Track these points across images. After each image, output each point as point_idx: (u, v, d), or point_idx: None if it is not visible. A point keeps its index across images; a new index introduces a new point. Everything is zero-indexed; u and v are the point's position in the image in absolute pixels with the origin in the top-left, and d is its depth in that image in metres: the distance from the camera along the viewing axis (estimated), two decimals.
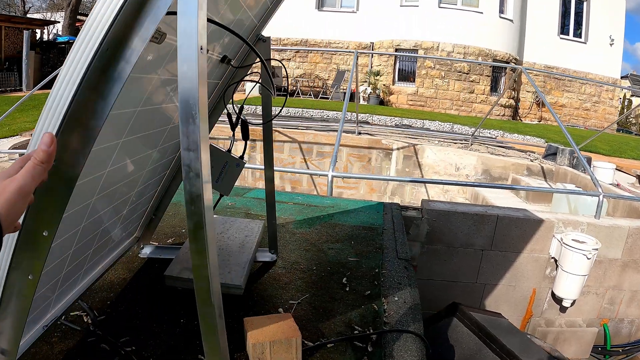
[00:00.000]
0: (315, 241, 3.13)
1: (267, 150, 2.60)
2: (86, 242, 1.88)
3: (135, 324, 2.19)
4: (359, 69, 18.91)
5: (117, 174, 1.83)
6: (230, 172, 2.47)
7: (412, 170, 9.67)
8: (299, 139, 10.34)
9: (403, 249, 3.00)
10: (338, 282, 2.55)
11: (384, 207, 3.97)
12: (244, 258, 2.62)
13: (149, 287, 2.51)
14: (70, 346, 2.02)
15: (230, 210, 3.76)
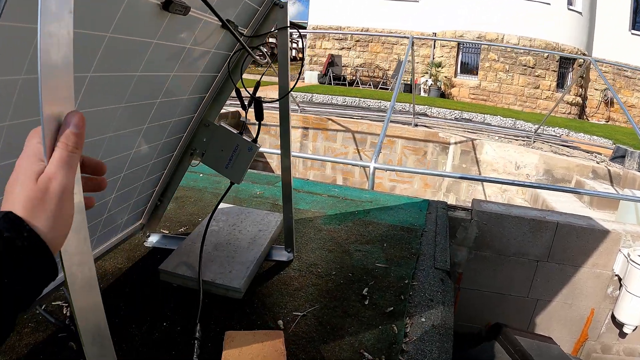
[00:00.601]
0: (342, 241, 2.70)
1: (284, 133, 2.19)
2: (91, 212, 1.71)
3: (114, 322, 1.87)
4: (421, 60, 18.19)
5: (115, 145, 1.62)
6: (242, 157, 2.09)
7: (469, 167, 9.04)
8: (352, 128, 9.91)
9: (442, 257, 2.53)
10: (357, 292, 2.11)
11: (428, 205, 3.48)
12: (251, 256, 2.23)
13: (143, 281, 2.18)
14: (39, 340, 1.76)
15: (256, 200, 3.39)
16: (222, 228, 2.52)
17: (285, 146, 2.19)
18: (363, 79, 18.58)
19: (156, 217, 2.48)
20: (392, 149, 9.62)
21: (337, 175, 10.15)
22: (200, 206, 3.17)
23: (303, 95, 13.49)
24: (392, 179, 9.43)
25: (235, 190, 3.59)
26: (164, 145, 2.10)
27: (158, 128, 1.89)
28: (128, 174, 1.91)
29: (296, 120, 10.27)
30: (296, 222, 2.96)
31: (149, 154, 1.98)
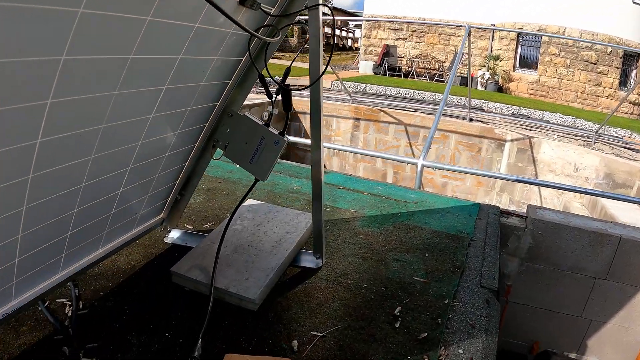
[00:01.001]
0: (379, 247, 2.41)
1: (314, 124, 1.91)
2: (91, 208, 1.57)
3: (114, 328, 1.67)
4: (479, 52, 17.44)
5: (119, 135, 1.44)
6: (268, 151, 1.83)
7: (525, 166, 8.48)
8: (405, 121, 9.52)
9: (490, 273, 2.19)
10: (389, 312, 1.82)
11: (479, 209, 3.12)
12: (273, 262, 1.98)
13: (154, 282, 1.98)
14: (34, 340, 1.61)
15: (291, 196, 3.13)
16: (246, 227, 2.28)
17: (316, 138, 1.91)
18: (419, 70, 18.00)
19: (177, 212, 2.27)
20: (446, 144, 9.17)
21: (388, 169, 9.80)
22: (232, 200, 2.95)
23: (356, 85, 13.14)
24: (444, 175, 8.99)
25: (270, 184, 3.35)
26: (183, 135, 1.87)
27: (169, 118, 1.65)
28: (138, 166, 1.69)
29: (347, 111, 9.96)
30: (331, 223, 2.69)
31: (162, 144, 1.76)
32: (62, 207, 1.46)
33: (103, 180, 1.55)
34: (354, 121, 10.03)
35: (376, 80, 14.37)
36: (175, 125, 1.74)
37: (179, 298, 1.87)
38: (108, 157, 1.48)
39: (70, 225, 1.57)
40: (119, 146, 1.49)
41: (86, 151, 1.37)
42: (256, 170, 1.90)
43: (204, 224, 2.56)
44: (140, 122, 1.51)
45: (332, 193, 3.28)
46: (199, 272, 1.90)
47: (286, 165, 3.87)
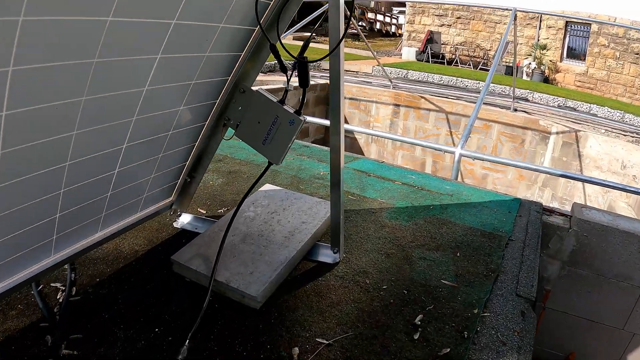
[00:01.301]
0: (405, 243, 2.17)
1: (334, 104, 1.67)
2: (81, 189, 1.40)
3: (103, 318, 1.50)
4: (525, 41, 16.67)
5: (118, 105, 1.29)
6: (282, 132, 1.62)
7: (570, 161, 7.99)
8: (446, 109, 9.12)
9: (528, 280, 1.91)
10: (408, 319, 1.58)
11: (520, 205, 2.82)
12: (283, 255, 1.77)
13: (156, 270, 1.81)
14: (20, 326, 1.48)
15: (317, 182, 2.91)
16: (259, 215, 2.07)
17: (335, 120, 1.67)
18: (462, 58, 17.35)
19: (187, 195, 2.08)
20: (488, 134, 8.73)
21: (427, 157, 9.44)
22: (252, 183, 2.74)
23: (398, 71, 12.72)
24: (484, 167, 8.57)
25: (296, 168, 3.14)
26: (189, 112, 1.67)
27: (167, 91, 1.45)
28: (134, 145, 1.50)
29: (387, 97, 9.63)
30: (356, 214, 2.45)
31: (163, 122, 1.56)
32: (45, 187, 1.28)
33: (92, 159, 1.37)
34: (394, 107, 9.69)
35: (418, 66, 13.91)
36: (176, 100, 1.53)
37: (177, 289, 1.69)
38: (95, 134, 1.29)
39: (58, 207, 1.39)
40: (106, 122, 1.30)
41: (67, 127, 1.18)
42: (269, 153, 1.69)
43: (218, 209, 2.37)
44: (131, 96, 1.31)
45: (361, 180, 3.04)
46: (201, 262, 1.70)
47: (314, 150, 3.64)
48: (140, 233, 2.07)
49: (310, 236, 1.92)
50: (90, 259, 1.86)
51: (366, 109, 9.89)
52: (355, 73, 12.31)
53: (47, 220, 1.40)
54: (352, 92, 9.87)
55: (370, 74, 12.21)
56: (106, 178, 1.52)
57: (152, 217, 1.99)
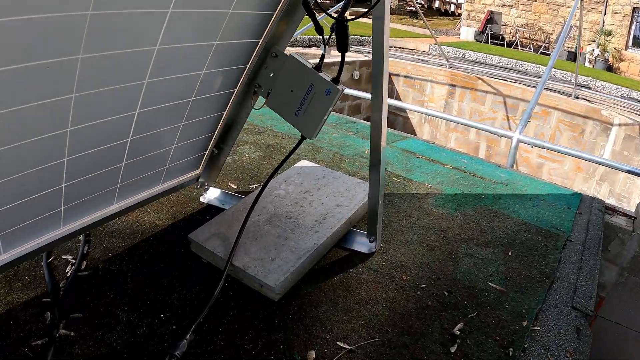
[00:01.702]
0: (451, 235, 1.92)
1: (376, 72, 1.43)
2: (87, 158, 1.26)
3: (107, 298, 1.36)
4: (589, 26, 15.59)
5: (126, 67, 1.12)
6: (317, 102, 1.40)
7: (631, 155, 7.35)
8: (504, 92, 8.59)
9: (587, 289, 1.63)
10: (446, 328, 1.35)
11: (580, 201, 2.50)
12: (310, 242, 1.56)
13: (172, 248, 1.66)
14: (23, 299, 1.36)
15: (360, 161, 2.68)
16: (290, 194, 1.87)
17: (377, 91, 1.43)
18: (523, 40, 16.39)
19: (215, 168, 1.90)
20: (546, 121, 8.17)
21: (481, 142, 8.96)
22: (292, 160, 2.54)
23: (455, 50, 12.12)
24: (541, 155, 8.03)
25: (339, 144, 2.91)
26: (214, 78, 1.47)
27: (184, 52, 1.25)
28: (148, 111, 1.32)
29: (443, 76, 9.18)
30: (399, 198, 2.22)
31: (181, 86, 1.36)
32: (46, 155, 1.13)
33: (96, 127, 1.20)
34: (449, 87, 9.24)
35: (477, 47, 13.22)
36: (195, 63, 1.33)
37: (192, 271, 1.52)
38: (97, 99, 1.12)
39: (64, 176, 1.25)
40: (109, 85, 1.12)
41: (63, 89, 1.00)
42: (302, 125, 1.48)
43: (250, 185, 2.19)
44: (139, 55, 1.12)
45: (409, 162, 2.79)
46: (220, 243, 1.52)
47: (361, 126, 3.40)
48: (164, 206, 1.92)
49: (344, 221, 1.71)
50: (107, 232, 1.72)
51: (421, 87, 9.48)
52: (411, 51, 11.84)
53: (53, 190, 1.26)
54: (407, 69, 9.48)
55: (426, 53, 11.71)
56: (117, 147, 1.35)
57: (177, 189, 1.83)
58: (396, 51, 11.22)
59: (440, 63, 9.63)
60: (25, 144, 1.04)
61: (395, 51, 11.20)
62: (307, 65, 1.43)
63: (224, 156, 1.87)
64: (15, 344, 1.19)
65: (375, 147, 1.54)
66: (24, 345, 1.19)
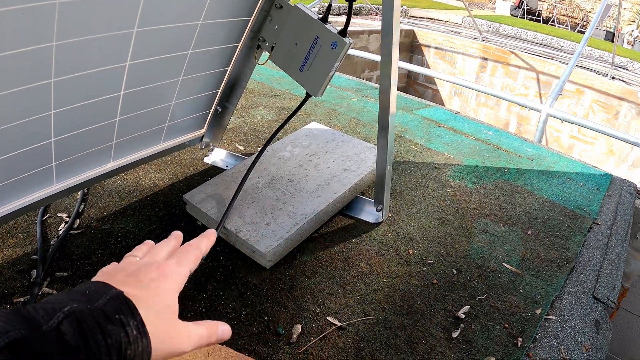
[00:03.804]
0: (467, 209, 1.76)
1: (385, 27, 1.25)
2: (75, 112, 1.15)
3: (95, 257, 1.28)
4: (629, 6, 14.79)
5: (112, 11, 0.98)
6: (323, 56, 1.25)
7: None
8: (537, 67, 8.19)
9: (611, 278, 1.45)
10: (450, 310, 1.21)
11: (610, 183, 2.29)
12: (310, 207, 1.43)
13: (168, 209, 1.54)
14: (14, 256, 1.29)
15: (376, 127, 2.51)
16: (295, 156, 1.73)
17: (387, 47, 1.26)
18: (560, 17, 15.67)
19: (220, 127, 1.78)
20: (580, 101, 7.78)
21: (512, 118, 8.61)
22: (305, 122, 2.40)
23: (489, 24, 11.62)
24: (572, 136, 7.66)
25: (358, 109, 2.75)
26: (213, 29, 1.33)
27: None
28: (140, 63, 1.19)
29: (475, 49, 8.80)
30: (415, 167, 2.06)
31: (177, 37, 1.22)
32: (30, 107, 1.01)
33: (82, 78, 1.07)
34: (481, 61, 8.87)
35: (512, 22, 12.66)
36: (192, 11, 1.19)
37: (184, 234, 1.39)
38: (81, 47, 0.98)
39: (51, 130, 1.13)
40: (94, 33, 0.98)
41: (42, 35, 0.88)
42: (307, 82, 1.33)
43: (258, 147, 2.06)
44: (126, 2, 0.98)
45: (429, 130, 2.61)
46: (214, 204, 1.40)
47: None
48: (166, 166, 1.81)
49: (350, 187, 1.56)
50: (105, 190, 1.62)
51: (452, 60, 9.14)
52: (444, 22, 11.42)
53: (41, 144, 1.15)
54: (438, 41, 9.13)
55: (459, 25, 11.27)
56: (108, 101, 1.23)
57: (180, 149, 1.71)
58: (428, 22, 10.83)
59: (473, 36, 9.25)
60: (7, 95, 0.93)
61: (427, 22, 10.82)
62: (313, 17, 1.27)
63: (229, 115, 1.74)
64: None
65: (384, 110, 1.37)
66: (7, 302, 1.12)
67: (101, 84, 1.15)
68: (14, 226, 1.41)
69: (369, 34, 8.25)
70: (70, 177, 1.35)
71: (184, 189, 1.65)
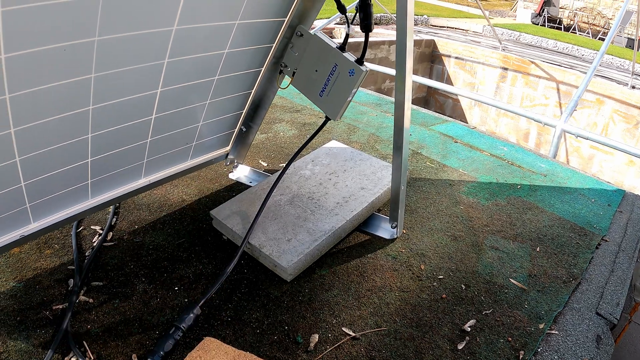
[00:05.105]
0: (479, 226, 1.84)
1: (400, 51, 1.35)
2: (112, 135, 1.28)
3: (128, 268, 1.41)
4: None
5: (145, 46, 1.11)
6: (341, 83, 1.36)
7: None
8: (558, 77, 8.16)
9: (615, 295, 1.52)
10: (457, 323, 1.29)
11: (622, 198, 2.34)
12: (329, 224, 1.53)
13: (196, 223, 1.66)
14: (51, 266, 1.41)
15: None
16: (315, 174, 1.83)
17: (401, 69, 1.35)
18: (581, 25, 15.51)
19: (244, 145, 1.89)
20: (600, 111, 7.73)
21: (532, 128, 8.56)
22: (326, 139, 2.50)
23: (510, 33, 11.60)
24: (592, 146, 7.62)
25: (376, 125, 2.84)
26: (238, 56, 1.44)
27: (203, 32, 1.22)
28: (171, 90, 1.31)
29: (495, 59, 8.81)
30: (430, 184, 2.14)
31: (203, 65, 1.34)
32: (70, 131, 1.14)
33: (117, 105, 1.19)
34: (502, 71, 8.87)
35: (533, 30, 12.60)
36: (216, 42, 1.30)
37: (211, 247, 1.52)
38: (116, 79, 1.11)
39: (88, 152, 1.26)
40: (128, 65, 1.10)
41: (82, 69, 1.00)
42: (326, 106, 1.44)
43: (280, 163, 2.17)
44: (157, 36, 1.10)
45: (445, 146, 2.69)
46: (239, 220, 1.51)
47: None
48: (193, 182, 1.93)
49: (366, 205, 1.66)
50: (136, 204, 1.74)
51: (472, 69, 9.15)
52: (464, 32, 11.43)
53: (79, 164, 1.28)
54: (459, 51, 9.16)
55: (480, 34, 11.28)
56: (140, 124, 1.35)
57: (206, 165, 1.83)
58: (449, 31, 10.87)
59: (494, 45, 9.27)
60: (49, 122, 1.05)
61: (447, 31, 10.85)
62: (332, 45, 1.38)
63: (253, 134, 1.85)
64: (39, 307, 1.24)
65: (399, 130, 1.47)
66: (46, 309, 1.23)
67: (134, 109, 1.27)
68: (50, 237, 1.54)
69: (390, 44, 8.32)
70: (104, 193, 1.48)
71: (210, 204, 1.77)
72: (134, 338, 1.15)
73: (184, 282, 1.35)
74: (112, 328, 1.18)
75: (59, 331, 1.15)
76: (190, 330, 1.17)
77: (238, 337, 1.17)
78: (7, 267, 1.38)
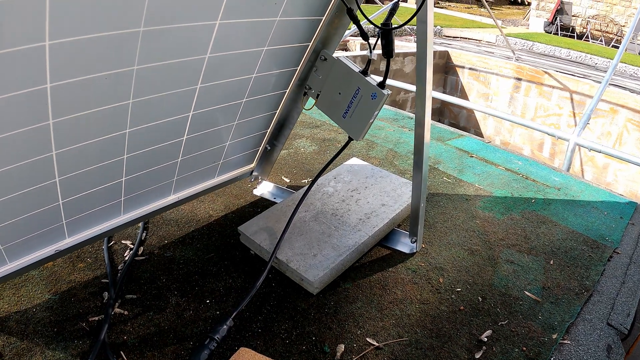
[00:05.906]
0: (495, 240, 1.91)
1: (420, 73, 1.43)
2: (146, 156, 1.38)
3: (160, 282, 1.50)
4: None
5: (179, 72, 1.20)
6: (364, 105, 1.45)
7: None
8: (571, 87, 8.17)
9: (626, 306, 1.57)
10: (474, 334, 1.37)
11: (634, 211, 2.39)
12: (352, 240, 1.61)
13: (223, 238, 1.75)
14: (85, 279, 1.50)
15: (411, 159, 2.67)
16: (337, 191, 1.92)
17: (422, 89, 1.43)
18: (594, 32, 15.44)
19: (268, 163, 1.98)
20: (613, 120, 7.71)
21: (546, 138, 8.57)
22: (346, 155, 2.58)
23: (523, 42, 11.63)
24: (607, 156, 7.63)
25: (394, 141, 2.92)
26: (265, 80, 1.53)
27: (234, 58, 1.31)
28: (202, 113, 1.41)
29: (509, 70, 8.85)
30: (447, 199, 2.22)
31: (234, 88, 1.43)
32: (107, 153, 1.24)
33: (152, 128, 1.29)
34: (515, 81, 8.90)
35: (545, 39, 12.60)
36: (245, 67, 1.40)
37: (240, 262, 1.60)
38: (151, 104, 1.20)
39: (123, 171, 1.36)
40: (164, 91, 1.20)
41: (121, 96, 1.10)
42: (349, 128, 1.52)
43: (303, 179, 2.25)
44: (191, 64, 1.20)
45: (461, 161, 2.76)
46: (266, 236, 1.60)
47: None
48: (219, 198, 2.02)
49: (388, 221, 1.74)
50: (164, 220, 1.84)
51: (486, 80, 9.20)
52: (477, 42, 11.48)
53: (114, 183, 1.38)
54: (472, 62, 9.21)
55: (493, 44, 11.32)
56: (172, 145, 1.45)
57: (231, 182, 1.92)
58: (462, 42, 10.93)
59: (507, 55, 9.31)
60: (88, 144, 1.14)
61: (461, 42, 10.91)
62: (354, 69, 1.47)
63: (277, 152, 1.94)
64: (75, 319, 1.32)
65: (419, 147, 1.55)
66: (82, 320, 1.32)
67: (168, 131, 1.37)
68: (82, 251, 1.63)
69: (404, 56, 8.40)
70: (136, 209, 1.58)
71: (237, 219, 1.86)
72: (170, 349, 1.24)
73: (215, 295, 1.43)
74: (148, 339, 1.27)
75: (96, 342, 1.23)
76: (223, 341, 1.25)
77: (269, 347, 1.25)
78: (41, 279, 1.47)
